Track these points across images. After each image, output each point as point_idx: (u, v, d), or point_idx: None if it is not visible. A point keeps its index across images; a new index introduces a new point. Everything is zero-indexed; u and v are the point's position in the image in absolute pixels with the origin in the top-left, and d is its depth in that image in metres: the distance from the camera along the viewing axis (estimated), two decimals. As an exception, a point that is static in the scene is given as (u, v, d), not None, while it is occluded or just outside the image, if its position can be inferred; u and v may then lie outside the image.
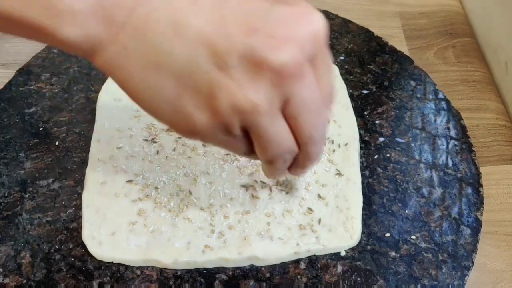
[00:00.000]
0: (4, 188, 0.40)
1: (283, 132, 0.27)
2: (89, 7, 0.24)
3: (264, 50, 0.25)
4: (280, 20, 0.25)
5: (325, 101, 0.28)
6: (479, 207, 0.41)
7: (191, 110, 0.26)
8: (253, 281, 0.36)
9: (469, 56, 0.55)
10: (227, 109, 0.25)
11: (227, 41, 0.25)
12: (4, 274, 0.35)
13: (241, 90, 0.25)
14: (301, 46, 0.25)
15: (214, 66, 0.25)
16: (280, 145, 0.27)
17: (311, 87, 0.26)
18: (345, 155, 0.43)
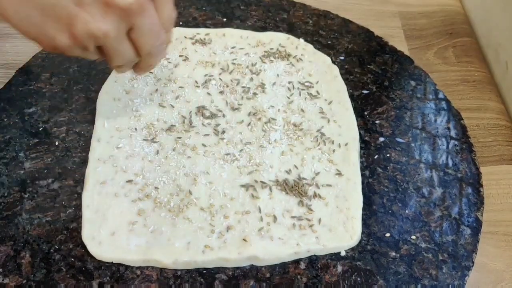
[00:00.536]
0: (4, 188, 0.40)
1: (126, 49, 0.36)
2: None
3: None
4: None
5: (164, 26, 0.37)
6: (479, 207, 0.41)
7: (54, 33, 0.33)
8: (253, 281, 0.36)
9: (469, 56, 0.55)
10: (83, 35, 0.33)
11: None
12: (4, 274, 0.35)
13: (94, 21, 0.33)
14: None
15: (73, 1, 0.32)
16: (124, 58, 0.37)
17: (151, 18, 0.35)
18: (345, 155, 0.43)
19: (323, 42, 0.53)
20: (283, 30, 0.54)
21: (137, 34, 0.36)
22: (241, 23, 0.55)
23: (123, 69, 0.39)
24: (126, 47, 0.36)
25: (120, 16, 0.34)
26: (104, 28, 0.33)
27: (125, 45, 0.36)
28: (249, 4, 0.57)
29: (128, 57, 0.37)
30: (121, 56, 0.37)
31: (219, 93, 0.47)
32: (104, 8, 0.33)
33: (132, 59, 0.38)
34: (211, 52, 0.50)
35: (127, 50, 0.36)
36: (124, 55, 0.37)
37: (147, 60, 0.39)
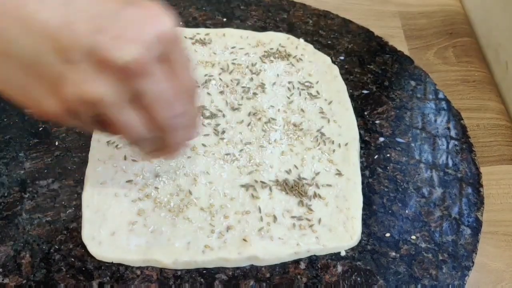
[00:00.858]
0: (4, 188, 0.40)
1: (132, 121, 0.29)
2: None
3: (108, 49, 0.26)
4: (127, 22, 0.27)
5: (183, 94, 0.30)
6: (479, 207, 0.41)
7: (40, 98, 0.28)
8: (253, 281, 0.36)
9: (469, 56, 0.55)
10: (74, 99, 0.27)
11: (72, 37, 0.26)
12: (4, 274, 0.35)
13: (86, 82, 0.27)
14: (147, 46, 0.27)
15: (60, 59, 0.27)
16: (131, 132, 0.29)
17: (160, 83, 0.28)
18: (345, 155, 0.43)
19: (323, 42, 0.53)
20: (283, 30, 0.54)
21: (145, 101, 0.29)
22: (241, 23, 0.55)
23: (145, 149, 0.32)
24: (131, 117, 0.29)
25: (118, 78, 0.27)
26: (98, 91, 0.27)
27: (129, 115, 0.29)
28: (249, 4, 0.57)
29: (134, 130, 0.29)
30: (126, 130, 0.29)
31: (219, 93, 0.47)
32: (98, 67, 0.27)
33: (141, 135, 0.30)
34: (211, 52, 0.50)
35: (133, 122, 0.29)
36: (130, 128, 0.29)
37: (166, 137, 0.31)
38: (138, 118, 0.29)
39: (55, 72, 0.27)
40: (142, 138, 0.30)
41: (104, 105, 0.27)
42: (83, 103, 0.27)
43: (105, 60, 0.26)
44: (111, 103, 0.27)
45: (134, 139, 0.30)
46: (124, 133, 0.30)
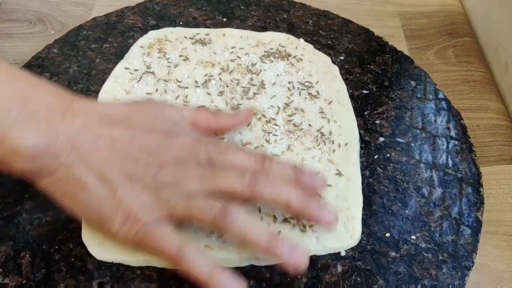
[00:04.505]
0: (4, 188, 0.40)
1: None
2: (38, 153, 0.32)
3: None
4: None
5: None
6: (479, 207, 0.41)
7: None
8: (253, 281, 0.36)
9: (469, 56, 0.55)
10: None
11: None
12: (4, 274, 0.35)
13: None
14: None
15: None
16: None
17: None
18: (345, 155, 0.43)
19: (323, 42, 0.53)
20: (283, 30, 0.54)
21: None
22: (241, 23, 0.55)
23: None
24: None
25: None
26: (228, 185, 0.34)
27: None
28: (249, 4, 0.57)
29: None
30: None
31: (219, 93, 0.47)
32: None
33: None
34: (211, 52, 0.50)
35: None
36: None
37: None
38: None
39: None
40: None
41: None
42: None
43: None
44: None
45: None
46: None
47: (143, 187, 0.33)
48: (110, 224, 0.33)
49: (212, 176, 0.34)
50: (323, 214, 0.35)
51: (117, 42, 0.52)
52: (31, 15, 0.57)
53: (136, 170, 0.33)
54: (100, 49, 0.51)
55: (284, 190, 0.35)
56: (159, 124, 0.35)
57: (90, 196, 0.33)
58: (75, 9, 0.58)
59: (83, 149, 0.33)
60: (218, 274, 0.32)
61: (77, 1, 0.59)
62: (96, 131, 0.33)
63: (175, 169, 0.33)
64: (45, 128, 0.32)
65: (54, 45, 0.51)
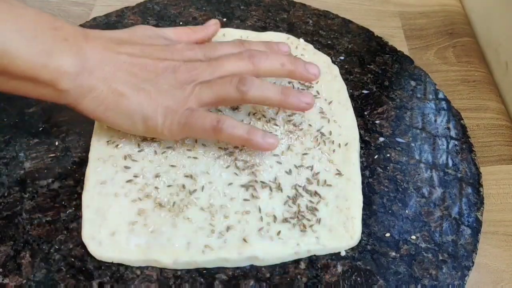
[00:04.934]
0: (4, 188, 0.40)
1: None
2: (77, 70, 0.37)
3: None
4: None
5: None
6: (479, 207, 0.41)
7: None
8: (253, 281, 0.36)
9: (469, 56, 0.55)
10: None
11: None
12: (4, 274, 0.35)
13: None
14: None
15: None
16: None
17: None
18: (345, 155, 0.43)
19: (323, 42, 0.53)
20: (283, 30, 0.54)
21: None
22: (241, 23, 0.55)
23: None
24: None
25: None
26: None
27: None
28: (249, 4, 0.57)
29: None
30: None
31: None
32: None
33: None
34: (211, 52, 0.50)
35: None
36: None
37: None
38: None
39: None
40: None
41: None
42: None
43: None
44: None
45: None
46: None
47: (169, 87, 0.39)
48: (155, 122, 0.39)
49: (218, 64, 0.41)
50: (309, 68, 0.44)
51: (117, 42, 0.52)
52: (31, 15, 0.57)
53: (158, 75, 0.39)
54: (100, 49, 0.51)
55: (276, 57, 0.42)
56: (155, 40, 0.42)
57: (130, 102, 0.38)
58: (75, 9, 0.58)
59: (110, 65, 0.38)
60: (255, 132, 0.39)
61: (77, 1, 0.59)
62: (114, 50, 0.39)
63: (187, 68, 0.40)
64: (76, 49, 0.37)
65: (54, 45, 0.51)
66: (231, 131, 0.39)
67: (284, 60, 0.42)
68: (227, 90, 0.39)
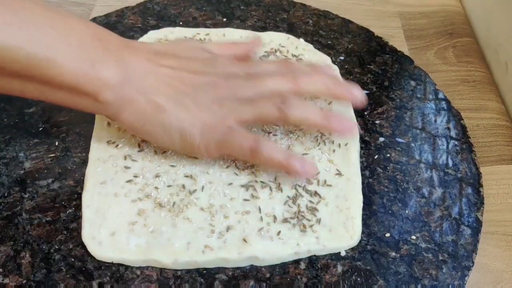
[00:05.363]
0: (4, 188, 0.40)
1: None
2: (119, 82, 0.36)
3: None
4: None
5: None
6: (479, 207, 0.41)
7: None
8: (253, 281, 0.36)
9: (469, 56, 0.55)
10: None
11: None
12: (4, 274, 0.35)
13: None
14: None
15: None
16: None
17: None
18: (345, 155, 0.43)
19: (323, 42, 0.53)
20: (283, 30, 0.54)
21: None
22: (241, 23, 0.55)
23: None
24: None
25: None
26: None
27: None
28: (249, 4, 0.57)
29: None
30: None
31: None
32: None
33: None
34: (211, 52, 0.50)
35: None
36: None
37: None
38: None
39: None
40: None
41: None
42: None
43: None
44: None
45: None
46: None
47: (209, 103, 0.38)
48: (192, 138, 0.38)
49: (260, 82, 0.40)
50: (355, 91, 0.43)
51: (117, 42, 0.52)
52: (31, 15, 0.57)
53: (198, 90, 0.38)
54: (100, 49, 0.51)
55: (320, 77, 0.42)
56: (199, 54, 0.41)
57: (169, 116, 0.37)
58: (75, 9, 0.58)
59: (151, 77, 0.38)
60: (294, 158, 0.39)
61: (77, 1, 0.59)
62: (156, 62, 0.39)
63: (228, 84, 0.39)
64: (119, 60, 0.37)
65: (54, 45, 0.51)
66: (270, 155, 0.38)
67: (328, 81, 0.42)
68: (268, 108, 0.38)
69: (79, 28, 0.36)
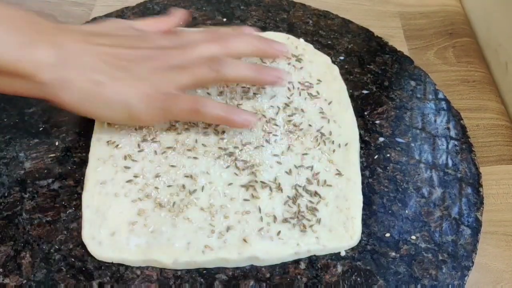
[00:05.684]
0: (4, 188, 0.40)
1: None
2: (55, 62, 0.37)
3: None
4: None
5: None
6: (479, 207, 0.41)
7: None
8: (253, 281, 0.36)
9: (469, 56, 0.55)
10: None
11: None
12: (4, 274, 0.35)
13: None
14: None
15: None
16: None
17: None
18: (345, 155, 0.43)
19: (323, 42, 0.53)
20: (283, 30, 0.54)
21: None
22: (241, 23, 0.55)
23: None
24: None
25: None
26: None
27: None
28: (249, 4, 0.57)
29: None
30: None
31: (219, 93, 0.46)
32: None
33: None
34: (211, 52, 0.50)
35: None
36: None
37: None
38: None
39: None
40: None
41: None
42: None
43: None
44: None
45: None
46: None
47: (147, 74, 0.39)
48: (136, 109, 0.39)
49: (190, 49, 0.42)
50: (279, 47, 0.45)
51: (117, 42, 0.52)
52: (31, 15, 0.57)
53: (134, 63, 0.40)
54: (100, 49, 0.51)
55: (247, 38, 0.45)
56: (130, 31, 0.43)
57: (108, 90, 0.38)
58: (75, 9, 0.58)
59: (87, 55, 0.39)
60: (232, 111, 0.42)
61: (77, 1, 0.59)
62: (91, 41, 0.39)
63: (161, 55, 0.41)
64: (54, 41, 0.37)
65: (54, 45, 0.51)
66: (210, 112, 0.40)
67: (253, 40, 0.44)
68: (204, 71, 0.40)
69: (12, 13, 0.37)
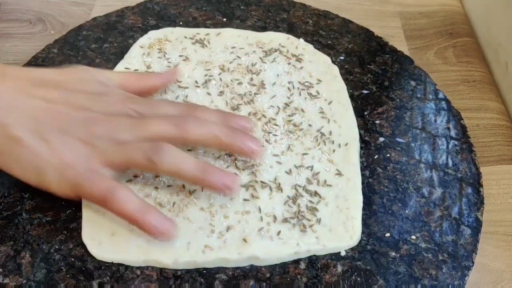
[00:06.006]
0: (4, 188, 0.40)
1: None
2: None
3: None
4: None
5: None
6: (479, 207, 0.41)
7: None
8: (253, 281, 0.36)
9: (469, 56, 0.55)
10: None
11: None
12: (4, 274, 0.35)
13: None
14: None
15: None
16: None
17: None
18: (345, 155, 0.43)
19: (323, 42, 0.53)
20: (283, 30, 0.54)
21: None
22: (241, 23, 0.55)
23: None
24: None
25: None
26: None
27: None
28: (249, 4, 0.57)
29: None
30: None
31: (219, 93, 0.47)
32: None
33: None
34: (211, 52, 0.50)
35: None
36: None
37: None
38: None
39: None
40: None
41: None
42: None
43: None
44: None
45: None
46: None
47: (78, 140, 0.36)
48: (45, 176, 0.35)
49: (143, 124, 0.37)
50: (249, 144, 0.39)
51: (117, 42, 0.52)
52: (31, 15, 0.57)
53: (70, 126, 0.36)
54: (100, 49, 0.51)
55: (211, 126, 0.38)
56: (89, 85, 0.39)
57: (26, 151, 0.35)
58: (75, 9, 0.58)
59: (18, 109, 0.36)
60: (149, 213, 0.35)
61: (77, 1, 0.59)
62: (29, 93, 0.36)
63: (107, 122, 0.36)
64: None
65: (54, 45, 0.51)
66: (121, 206, 0.35)
67: (219, 133, 0.38)
68: (138, 155, 0.35)
69: None
